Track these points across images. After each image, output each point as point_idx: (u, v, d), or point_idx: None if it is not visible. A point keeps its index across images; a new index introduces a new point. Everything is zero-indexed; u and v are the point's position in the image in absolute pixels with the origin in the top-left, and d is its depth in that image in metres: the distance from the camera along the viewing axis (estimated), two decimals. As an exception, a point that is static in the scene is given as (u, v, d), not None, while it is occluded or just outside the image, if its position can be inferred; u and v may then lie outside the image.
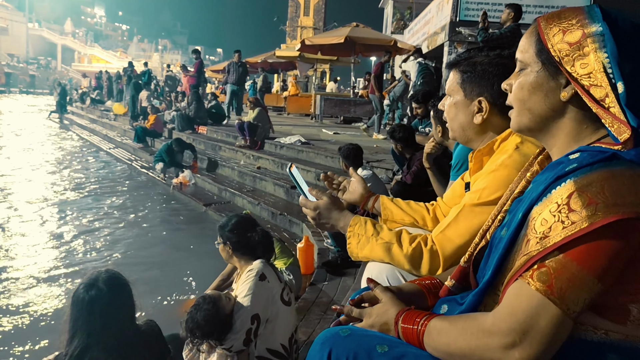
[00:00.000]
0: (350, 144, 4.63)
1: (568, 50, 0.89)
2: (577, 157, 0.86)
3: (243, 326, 2.10)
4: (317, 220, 1.51)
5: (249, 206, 6.44)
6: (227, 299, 2.18)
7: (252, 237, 2.38)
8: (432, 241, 1.39)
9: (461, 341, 0.91)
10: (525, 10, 8.67)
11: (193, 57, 13.90)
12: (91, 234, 5.97)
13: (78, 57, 78.02)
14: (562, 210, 0.81)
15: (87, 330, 1.82)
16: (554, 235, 0.81)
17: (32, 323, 3.74)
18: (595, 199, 0.78)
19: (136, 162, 10.97)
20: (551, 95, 0.94)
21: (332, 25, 23.10)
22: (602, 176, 0.80)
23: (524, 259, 0.85)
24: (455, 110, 1.48)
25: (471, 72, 1.43)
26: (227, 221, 2.45)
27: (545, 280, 0.81)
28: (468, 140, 1.50)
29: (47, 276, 4.62)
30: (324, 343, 1.05)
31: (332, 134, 10.07)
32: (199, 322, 2.08)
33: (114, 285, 1.90)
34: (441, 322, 0.97)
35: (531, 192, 0.93)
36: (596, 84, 0.86)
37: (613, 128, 0.84)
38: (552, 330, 0.81)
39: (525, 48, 0.98)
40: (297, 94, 17.95)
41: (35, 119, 22.38)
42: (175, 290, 4.30)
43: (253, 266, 2.28)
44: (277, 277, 2.31)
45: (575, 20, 0.90)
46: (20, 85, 51.29)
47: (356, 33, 12.91)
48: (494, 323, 0.87)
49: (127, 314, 1.93)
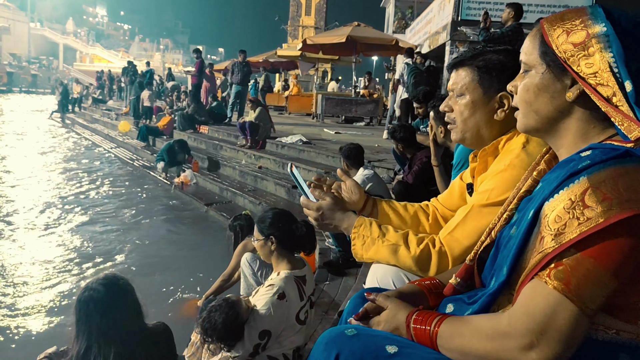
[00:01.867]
0: (352, 144, 4.63)
1: (573, 50, 0.89)
2: (589, 154, 0.86)
3: (253, 340, 2.07)
4: (319, 221, 1.48)
5: (250, 206, 6.44)
6: (246, 306, 2.14)
7: (297, 230, 2.28)
8: (440, 242, 1.38)
9: (476, 343, 0.90)
10: (527, 10, 8.67)
11: (194, 57, 13.91)
12: (92, 234, 5.97)
13: (80, 57, 78.11)
14: (577, 206, 0.81)
15: (88, 330, 1.86)
16: (570, 231, 0.81)
17: (34, 325, 3.74)
18: (610, 194, 0.78)
19: (138, 161, 10.98)
20: (557, 97, 0.94)
21: (333, 24, 23.08)
22: (616, 172, 0.80)
23: (539, 256, 0.85)
24: (473, 108, 1.42)
25: (489, 67, 1.39)
26: (265, 215, 2.34)
27: (562, 278, 0.81)
28: (480, 140, 1.45)
29: (46, 277, 4.62)
30: (328, 344, 1.03)
31: (334, 134, 10.07)
32: (217, 325, 2.06)
33: (110, 283, 1.93)
34: (455, 323, 0.96)
35: (542, 190, 0.92)
36: (602, 83, 0.86)
37: (623, 126, 0.84)
38: (570, 329, 0.80)
39: (529, 50, 0.98)
40: (298, 94, 17.96)
41: (37, 118, 22.39)
42: (176, 290, 4.30)
43: (275, 281, 2.19)
44: (299, 294, 2.21)
45: (579, 21, 0.91)
46: (22, 85, 51.37)
47: (357, 32, 12.90)
48: (510, 324, 0.86)
49: (128, 310, 1.95)
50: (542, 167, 1.06)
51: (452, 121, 1.50)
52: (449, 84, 1.50)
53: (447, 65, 1.57)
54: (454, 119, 1.48)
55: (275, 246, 2.27)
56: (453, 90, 1.47)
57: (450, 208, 1.62)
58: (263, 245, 2.30)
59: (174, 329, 2.19)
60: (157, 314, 3.69)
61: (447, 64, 9.71)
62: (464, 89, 1.44)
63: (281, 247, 2.27)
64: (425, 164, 3.93)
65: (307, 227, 2.31)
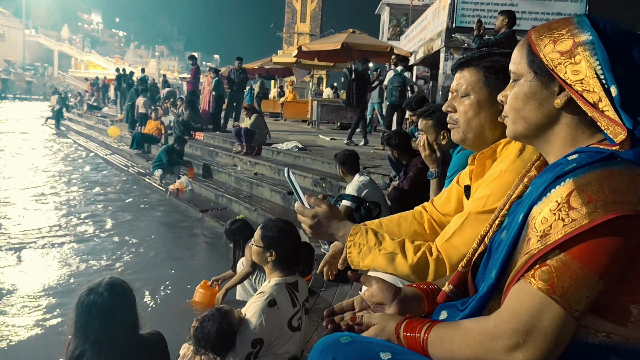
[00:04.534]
0: (347, 150, 4.65)
1: (560, 58, 0.92)
2: (576, 157, 0.88)
3: (244, 349, 2.07)
4: (315, 229, 1.45)
5: (246, 212, 6.43)
6: (238, 317, 2.14)
7: (299, 253, 2.30)
8: (437, 250, 1.37)
9: (464, 347, 0.90)
10: (520, 17, 8.76)
11: (190, 64, 13.92)
12: (87, 241, 5.94)
13: (75, 64, 77.98)
14: (562, 208, 0.82)
15: (85, 334, 1.85)
16: (555, 232, 0.82)
17: (31, 330, 3.71)
18: (595, 197, 0.80)
19: (133, 168, 10.95)
20: (545, 103, 0.96)
21: (328, 31, 23.11)
22: (601, 175, 0.81)
23: (525, 257, 0.85)
24: (477, 109, 1.42)
25: (497, 68, 1.39)
26: (272, 226, 2.32)
27: (547, 279, 0.82)
28: (482, 141, 1.44)
29: (40, 284, 4.59)
30: (323, 350, 1.03)
31: (329, 140, 10.09)
32: (210, 334, 2.06)
33: (115, 291, 1.91)
34: (444, 329, 0.97)
35: (531, 194, 0.94)
36: (588, 89, 0.88)
37: (609, 130, 0.86)
38: (555, 330, 0.81)
39: (517, 60, 1.01)
40: (294, 100, 17.98)
41: (31, 125, 22.31)
42: (172, 297, 4.28)
43: (266, 289, 2.20)
44: (291, 300, 2.21)
45: (565, 30, 0.93)
46: (17, 92, 51.19)
47: (353, 39, 12.96)
48: (497, 325, 0.86)
49: (127, 321, 1.94)
50: (533, 173, 1.07)
51: (454, 122, 1.49)
52: (453, 84, 1.49)
53: (452, 65, 1.56)
54: (457, 120, 1.47)
55: (273, 259, 2.27)
56: (457, 90, 1.46)
57: (448, 214, 1.61)
58: (261, 253, 2.29)
59: (167, 335, 2.18)
60: (151, 319, 3.69)
61: (441, 70, 9.85)
62: (470, 89, 1.43)
63: (279, 261, 2.27)
64: (421, 170, 3.95)
65: (308, 251, 2.33)
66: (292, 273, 2.31)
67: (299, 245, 2.32)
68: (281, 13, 28.66)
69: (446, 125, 1.58)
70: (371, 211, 4.10)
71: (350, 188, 4.32)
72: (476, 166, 1.45)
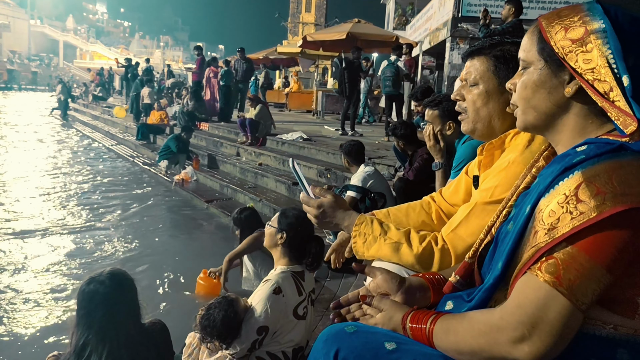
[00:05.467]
0: (352, 141, 4.63)
1: (571, 46, 0.90)
2: (584, 149, 0.86)
3: (250, 336, 2.08)
4: (320, 219, 1.46)
5: (251, 203, 6.45)
6: (244, 305, 2.16)
7: (309, 245, 2.31)
8: (442, 240, 1.37)
9: (469, 338, 0.90)
10: (527, 6, 8.67)
11: (195, 54, 13.89)
12: (92, 231, 5.97)
13: (80, 54, 78.03)
14: (571, 201, 0.81)
15: (88, 323, 1.86)
16: (562, 226, 0.81)
17: (36, 321, 3.75)
18: (604, 189, 0.78)
19: (138, 158, 10.98)
20: (555, 92, 0.94)
21: (333, 21, 23.03)
22: (610, 167, 0.80)
23: (532, 250, 0.85)
24: (486, 98, 1.40)
25: (507, 57, 1.37)
26: (291, 212, 2.35)
27: (554, 271, 0.81)
28: (491, 132, 1.43)
29: (47, 274, 4.62)
30: (327, 340, 1.04)
31: (334, 131, 10.06)
32: (216, 323, 2.07)
33: (117, 280, 1.93)
34: (449, 320, 0.97)
35: (538, 185, 0.92)
36: (600, 78, 0.86)
37: (619, 121, 0.85)
38: (561, 322, 0.80)
39: (527, 47, 0.99)
40: (299, 90, 17.94)
41: (37, 115, 22.39)
42: (176, 287, 4.31)
43: (271, 277, 2.22)
44: (297, 289, 2.22)
45: (577, 17, 0.91)
46: (22, 82, 51.33)
47: (358, 29, 12.86)
48: (502, 317, 0.86)
49: (129, 310, 1.95)
50: (541, 163, 1.06)
51: (463, 110, 1.47)
52: (463, 73, 1.48)
53: (462, 53, 1.55)
54: (465, 109, 1.46)
55: (282, 241, 2.29)
56: (467, 79, 1.45)
57: (456, 204, 1.60)
58: (273, 234, 2.32)
59: (169, 325, 2.20)
60: (154, 309, 3.72)
61: (447, 60, 9.80)
62: (479, 79, 1.41)
63: (288, 246, 2.29)
64: (426, 160, 3.93)
65: (318, 244, 2.33)
66: (299, 263, 2.32)
67: (311, 237, 2.33)
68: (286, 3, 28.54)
69: (452, 116, 1.57)
70: (376, 202, 4.09)
71: (355, 179, 4.31)
72: (485, 156, 1.44)
